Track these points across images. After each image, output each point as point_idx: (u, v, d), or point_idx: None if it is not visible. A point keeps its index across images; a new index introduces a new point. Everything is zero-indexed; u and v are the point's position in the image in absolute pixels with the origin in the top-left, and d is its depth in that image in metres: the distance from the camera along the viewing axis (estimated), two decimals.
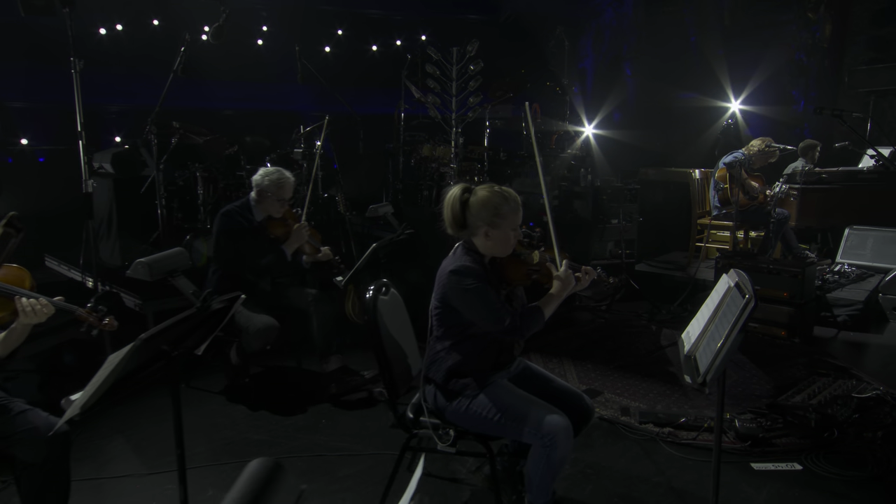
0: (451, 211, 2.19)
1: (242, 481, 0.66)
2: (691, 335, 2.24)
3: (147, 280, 1.85)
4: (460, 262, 2.13)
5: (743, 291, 1.90)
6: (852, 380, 3.40)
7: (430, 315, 2.25)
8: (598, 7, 10.42)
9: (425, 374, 2.27)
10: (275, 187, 3.28)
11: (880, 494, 2.47)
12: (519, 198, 2.23)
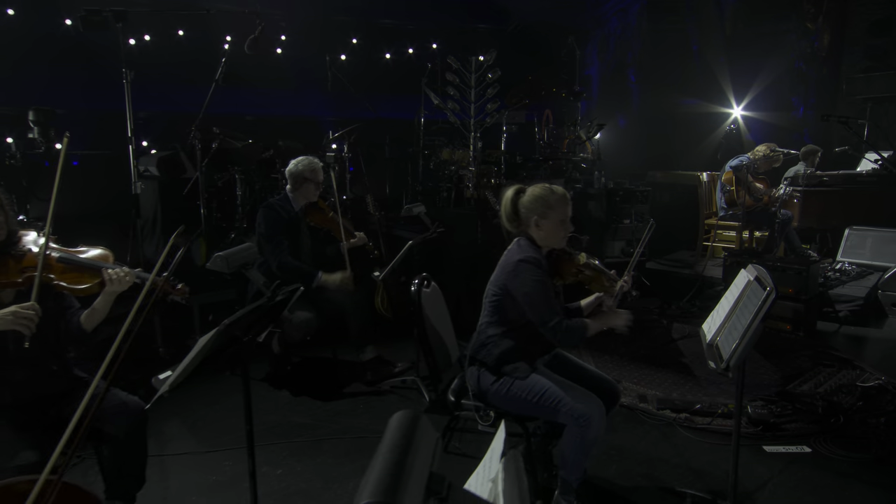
0: (506, 209, 2.37)
1: (390, 434, 0.76)
2: (712, 326, 2.36)
3: (225, 272, 1.97)
4: (526, 252, 2.25)
5: (764, 284, 2.01)
6: (855, 370, 3.50)
7: (485, 301, 2.36)
8: (603, 17, 10.50)
9: (471, 355, 2.37)
10: (308, 171, 3.43)
11: (884, 475, 2.57)
12: (567, 193, 2.37)
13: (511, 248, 2.36)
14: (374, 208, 3.99)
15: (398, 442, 0.75)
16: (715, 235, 5.26)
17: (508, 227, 2.40)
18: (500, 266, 2.34)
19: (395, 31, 10.54)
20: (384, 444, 0.76)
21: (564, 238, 2.35)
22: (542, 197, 2.29)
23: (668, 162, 7.55)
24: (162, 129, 8.95)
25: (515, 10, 10.28)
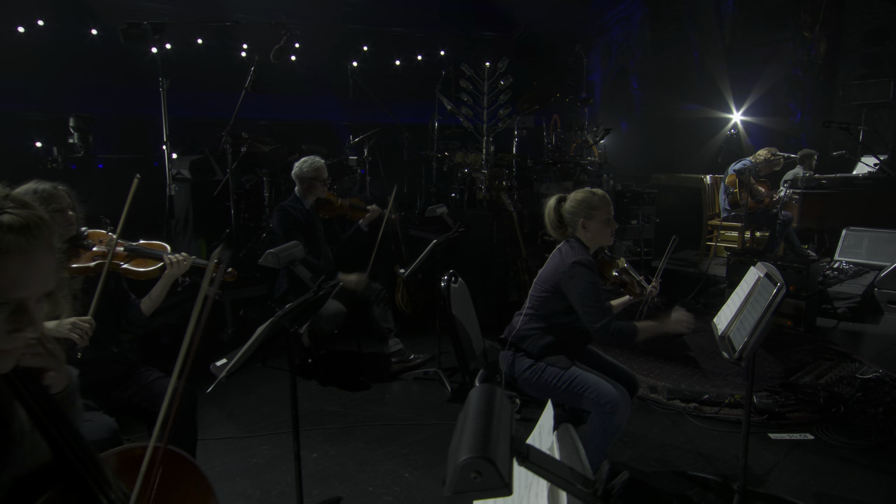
0: (549, 218, 2.45)
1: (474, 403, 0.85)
2: (723, 320, 2.44)
3: (276, 267, 2.08)
4: (580, 255, 2.32)
5: (774, 280, 2.10)
6: (854, 363, 3.58)
7: (532, 295, 2.44)
8: (605, 25, 10.58)
9: (512, 341, 2.42)
10: (313, 171, 3.51)
11: (883, 460, 2.65)
12: (607, 195, 2.46)
13: (563, 248, 2.42)
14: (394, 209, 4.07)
15: (483, 409, 0.84)
16: (718, 236, 5.35)
17: (554, 235, 2.49)
18: (553, 266, 2.39)
19: (406, 38, 10.64)
20: (470, 412, 0.85)
21: (611, 236, 2.44)
22: (586, 200, 2.38)
23: (670, 165, 7.63)
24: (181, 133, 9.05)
25: (521, 18, 10.37)
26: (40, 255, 0.88)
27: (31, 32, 7.84)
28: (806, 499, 2.36)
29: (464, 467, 0.72)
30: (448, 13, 10.48)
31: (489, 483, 0.72)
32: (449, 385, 3.43)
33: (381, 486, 2.53)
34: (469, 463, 0.72)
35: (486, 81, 5.43)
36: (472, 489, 0.73)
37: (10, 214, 0.85)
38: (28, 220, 0.86)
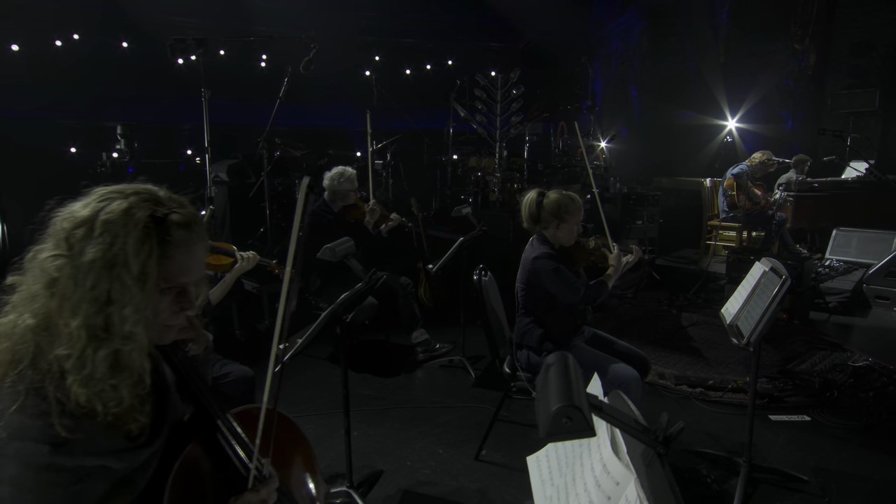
0: (528, 209, 2.56)
1: (553, 367, 0.98)
2: (731, 311, 2.58)
3: (333, 260, 2.21)
4: (539, 250, 2.49)
5: (780, 274, 2.23)
6: (845, 353, 3.71)
7: (517, 294, 2.60)
8: (606, 37, 10.71)
9: (517, 342, 2.61)
10: (346, 182, 3.66)
11: (874, 438, 2.79)
12: (581, 200, 2.60)
13: (527, 248, 2.59)
14: (417, 209, 4.22)
15: (562, 370, 0.98)
16: (717, 235, 5.49)
17: (528, 227, 2.61)
18: (522, 264, 2.57)
19: (416, 49, 10.78)
20: (550, 373, 0.99)
21: (574, 238, 2.57)
22: (564, 204, 2.49)
23: (668, 169, 7.76)
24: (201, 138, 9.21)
25: (525, 30, 10.51)
26: (199, 247, 1.00)
27: (67, 46, 8.02)
28: (805, 472, 2.49)
29: (556, 414, 0.86)
30: (456, 25, 10.63)
31: (577, 426, 0.86)
32: (473, 372, 3.57)
33: (417, 461, 2.67)
34: (561, 410, 0.86)
35: (500, 90, 5.57)
36: (563, 431, 0.86)
37: (178, 213, 0.97)
38: (190, 218, 0.99)
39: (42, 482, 0.83)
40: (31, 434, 0.84)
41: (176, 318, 1.00)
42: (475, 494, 2.43)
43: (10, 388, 0.88)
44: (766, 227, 5.10)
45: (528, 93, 6.18)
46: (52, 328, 0.91)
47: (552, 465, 1.37)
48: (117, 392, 0.91)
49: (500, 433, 2.84)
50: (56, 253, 0.91)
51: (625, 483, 0.96)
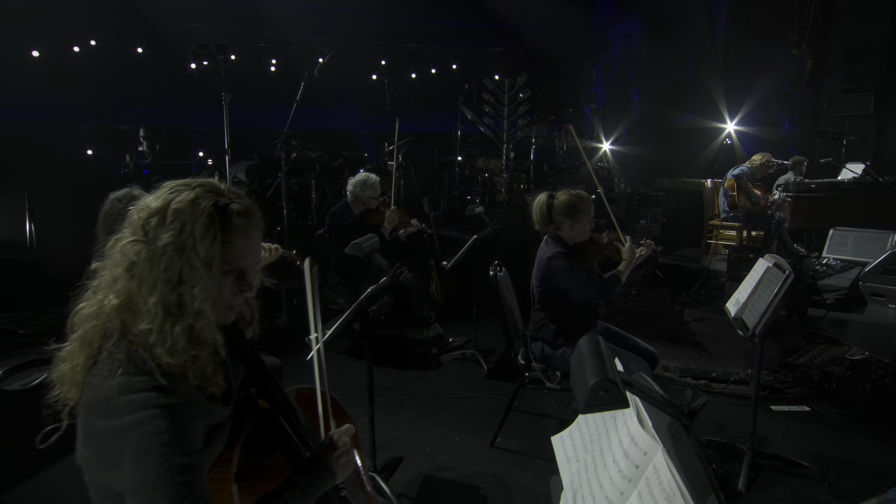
0: (539, 212, 2.62)
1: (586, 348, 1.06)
2: (735, 304, 2.66)
3: (360, 256, 2.29)
4: (553, 250, 2.57)
5: (783, 269, 2.32)
6: (842, 347, 3.78)
7: (532, 290, 2.68)
8: (607, 42, 10.77)
9: (533, 335, 2.69)
10: (368, 189, 3.74)
11: (870, 427, 2.87)
12: (591, 197, 2.68)
13: (541, 247, 2.66)
14: (429, 209, 4.30)
15: (594, 350, 1.06)
16: (717, 235, 5.57)
17: (540, 229, 2.68)
18: (537, 262, 2.64)
19: (421, 53, 10.86)
20: (584, 352, 1.07)
21: (588, 234, 2.64)
22: (575, 203, 2.57)
23: (668, 171, 7.84)
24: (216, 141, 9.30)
25: (528, 35, 10.58)
26: (256, 234, 1.09)
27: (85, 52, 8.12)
28: (805, 458, 2.57)
29: (594, 388, 0.94)
30: (460, 30, 10.70)
31: (613, 399, 0.94)
32: (485, 365, 3.65)
33: (436, 448, 2.75)
34: (598, 384, 0.94)
35: (507, 94, 5.65)
36: (600, 404, 0.94)
37: (237, 203, 1.05)
38: (248, 207, 1.08)
39: (160, 419, 0.92)
40: (140, 387, 0.94)
41: (237, 299, 1.08)
42: (492, 479, 2.51)
43: (108, 358, 0.97)
44: (765, 227, 5.18)
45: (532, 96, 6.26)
46: (134, 307, 1.00)
47: (576, 443, 1.45)
48: (199, 362, 1.00)
49: (514, 422, 2.92)
50: (134, 239, 1.00)
51: (652, 452, 1.05)
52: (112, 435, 0.92)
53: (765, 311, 2.24)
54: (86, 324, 1.03)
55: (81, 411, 0.99)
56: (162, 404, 0.93)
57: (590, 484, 1.20)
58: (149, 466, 0.90)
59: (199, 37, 9.11)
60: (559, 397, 3.22)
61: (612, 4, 10.49)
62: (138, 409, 0.92)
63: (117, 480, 0.93)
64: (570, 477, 1.34)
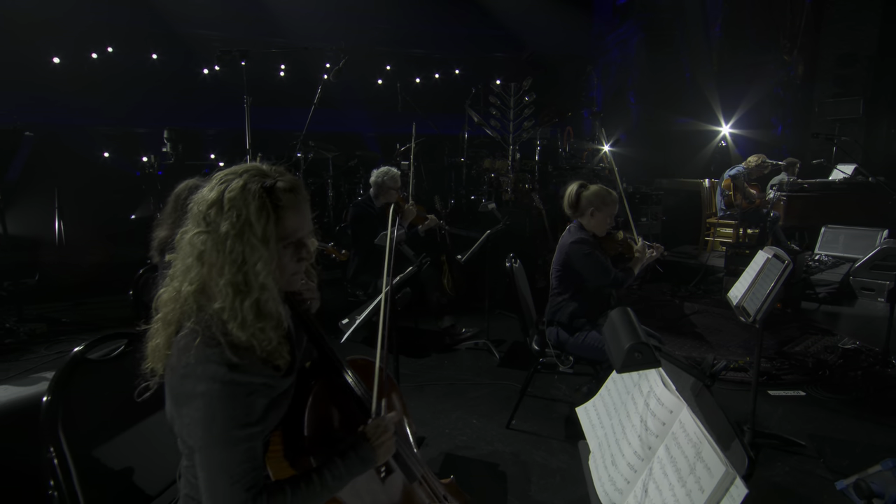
0: (569, 198, 2.78)
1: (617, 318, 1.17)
2: (736, 294, 2.78)
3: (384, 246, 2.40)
4: (576, 236, 2.69)
5: (782, 259, 2.43)
6: (835, 337, 3.90)
7: (552, 276, 2.80)
8: (605, 47, 10.89)
9: (548, 319, 2.81)
10: (391, 181, 3.86)
11: (861, 410, 2.99)
12: (617, 197, 2.80)
13: (564, 233, 2.80)
14: (441, 206, 4.41)
15: (625, 319, 1.17)
16: (715, 232, 5.69)
17: (567, 212, 2.83)
18: (559, 248, 2.77)
19: (425, 59, 10.96)
20: (616, 322, 1.18)
21: (607, 228, 2.78)
22: (602, 196, 2.72)
23: (665, 172, 7.96)
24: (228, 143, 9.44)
25: (529, 41, 10.70)
26: (305, 205, 1.17)
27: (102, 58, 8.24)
28: (801, 438, 2.68)
29: (629, 350, 1.05)
30: (464, 36, 10.81)
31: (646, 360, 1.05)
32: (497, 353, 3.76)
33: (455, 429, 2.86)
34: (633, 346, 1.05)
35: (513, 97, 5.77)
36: (635, 364, 1.06)
37: (282, 181, 1.13)
38: (293, 183, 1.15)
39: (226, 393, 1.03)
40: (213, 358, 1.04)
41: (299, 266, 1.17)
42: (510, 457, 2.62)
43: (188, 333, 1.08)
44: (760, 225, 5.30)
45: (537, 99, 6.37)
46: (207, 290, 1.11)
47: (600, 411, 1.55)
48: (265, 333, 1.10)
49: (527, 406, 3.03)
50: (198, 230, 1.10)
51: (678, 411, 1.16)
52: (187, 399, 1.04)
53: (765, 298, 2.36)
54: (166, 307, 1.13)
55: (167, 375, 1.10)
56: (228, 379, 1.03)
57: (618, 443, 1.31)
58: (212, 433, 1.02)
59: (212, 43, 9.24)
60: (569, 383, 3.34)
61: (610, 12, 10.62)
62: (209, 381, 1.02)
63: (187, 436, 1.06)
64: (597, 441, 1.45)
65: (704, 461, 0.98)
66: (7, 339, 3.50)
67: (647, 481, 1.14)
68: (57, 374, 1.31)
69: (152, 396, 1.32)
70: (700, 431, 1.04)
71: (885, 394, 3.16)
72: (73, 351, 1.36)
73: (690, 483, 1.00)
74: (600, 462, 1.35)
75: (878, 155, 7.01)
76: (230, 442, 1.02)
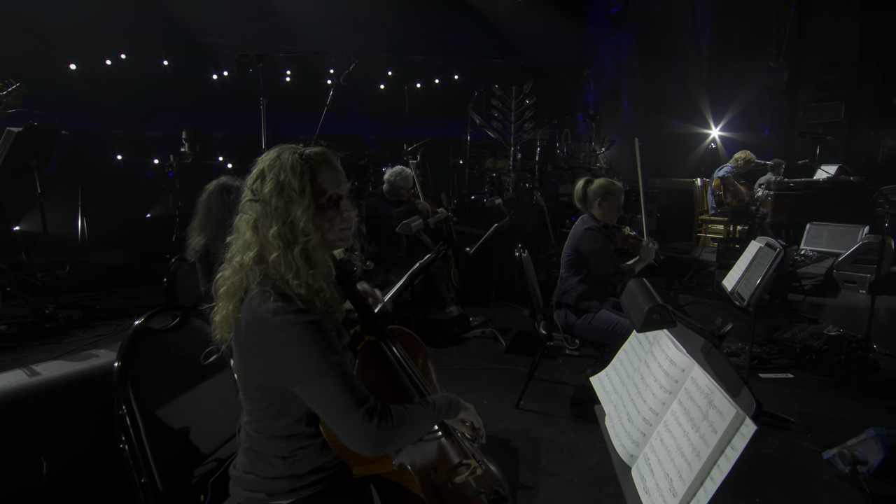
0: (578, 193, 2.94)
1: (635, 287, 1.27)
2: (730, 282, 2.89)
3: (409, 234, 2.49)
4: (589, 223, 2.82)
5: (774, 247, 2.55)
6: (820, 325, 4.03)
7: (563, 261, 2.90)
8: (599, 54, 11.03)
9: (557, 301, 2.91)
10: (403, 181, 3.96)
11: (845, 390, 3.12)
12: (622, 187, 2.92)
13: (578, 222, 2.92)
14: (447, 203, 4.51)
15: (643, 287, 1.27)
16: (706, 229, 5.81)
17: (578, 205, 2.97)
18: (572, 234, 2.89)
19: (425, 65, 11.06)
20: (634, 290, 1.28)
21: (616, 217, 2.90)
22: (607, 187, 2.86)
23: (658, 172, 8.08)
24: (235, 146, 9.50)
25: (526, 47, 10.82)
26: (336, 163, 1.25)
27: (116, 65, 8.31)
28: (791, 415, 2.80)
29: (649, 311, 1.16)
30: (463, 43, 10.93)
31: (664, 320, 1.15)
32: (503, 341, 3.86)
33: None
34: (652, 308, 1.15)
35: (514, 100, 5.88)
36: (654, 324, 1.16)
37: (311, 149, 1.23)
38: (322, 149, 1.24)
39: (309, 330, 1.12)
40: (288, 309, 1.13)
41: (343, 223, 1.25)
42: (520, 433, 2.72)
43: (259, 293, 1.17)
44: (749, 222, 5.43)
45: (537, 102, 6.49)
46: (265, 255, 1.20)
47: (613, 379, 1.66)
48: (317, 281, 1.19)
49: (533, 388, 3.12)
50: (250, 200, 1.21)
51: (689, 369, 1.26)
52: (274, 346, 1.12)
53: (759, 282, 2.47)
54: (228, 281, 1.23)
55: (240, 333, 1.18)
56: (307, 320, 1.13)
57: (633, 402, 1.41)
58: (315, 363, 1.10)
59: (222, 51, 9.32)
60: (573, 367, 3.44)
61: (604, 20, 10.76)
62: (290, 326, 1.11)
63: (293, 379, 1.13)
64: (612, 404, 1.55)
65: (716, 407, 1.08)
66: (47, 323, 3.69)
67: (663, 432, 1.24)
68: (124, 342, 1.40)
69: (205, 366, 1.41)
70: (711, 383, 1.14)
71: (866, 376, 3.29)
72: (135, 322, 1.46)
73: (704, 427, 1.10)
74: (616, 421, 1.44)
75: (858, 156, 7.17)
76: (332, 365, 1.11)
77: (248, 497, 1.25)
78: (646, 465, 1.23)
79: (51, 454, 1.64)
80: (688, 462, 1.09)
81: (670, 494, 1.10)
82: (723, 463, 1.02)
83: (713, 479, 1.03)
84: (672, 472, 1.12)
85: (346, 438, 1.12)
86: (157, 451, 1.36)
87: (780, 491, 2.27)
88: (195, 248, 2.27)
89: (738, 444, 1.00)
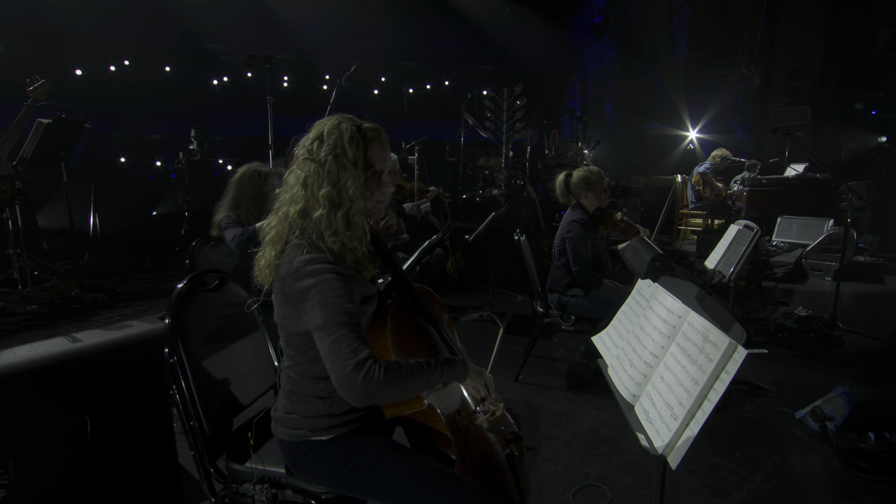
0: (559, 188, 3.00)
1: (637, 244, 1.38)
2: (712, 262, 3.03)
3: (417, 216, 2.58)
4: (576, 215, 2.91)
5: (751, 228, 2.70)
6: (791, 307, 4.21)
7: (554, 248, 3.02)
8: (583, 61, 11.25)
9: (549, 286, 3.02)
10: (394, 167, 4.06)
11: (814, 362, 3.29)
12: (601, 171, 3.02)
13: (567, 212, 3.01)
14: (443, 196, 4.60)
15: (644, 242, 1.39)
16: (686, 222, 6.00)
17: (562, 200, 3.03)
18: (561, 225, 2.99)
19: (417, 70, 11.16)
20: (637, 247, 1.40)
21: (606, 200, 2.99)
22: (586, 177, 2.94)
23: (640, 171, 8.29)
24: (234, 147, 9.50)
25: (513, 54, 10.99)
26: (386, 144, 1.33)
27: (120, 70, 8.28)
28: (766, 384, 2.95)
29: (651, 260, 1.27)
30: (453, 50, 11.06)
31: (664, 268, 1.27)
32: (500, 323, 3.96)
33: None
34: (654, 257, 1.27)
35: (505, 101, 6.00)
36: (656, 271, 1.27)
37: (368, 124, 1.30)
38: (377, 127, 1.31)
39: (332, 278, 1.19)
40: (319, 259, 1.21)
41: (381, 196, 1.34)
42: (520, 403, 2.83)
43: (295, 245, 1.25)
44: (726, 215, 5.63)
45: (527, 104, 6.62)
46: (309, 211, 1.27)
47: (613, 336, 1.76)
48: (352, 242, 1.26)
49: (530, 364, 3.23)
50: (304, 158, 1.27)
51: (685, 314, 1.37)
52: (303, 292, 1.19)
53: (738, 260, 2.62)
54: (273, 230, 1.31)
55: (278, 282, 1.26)
56: (334, 270, 1.20)
57: (634, 350, 1.52)
58: (328, 310, 1.17)
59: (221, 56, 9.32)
60: (566, 345, 3.56)
61: (587, 29, 10.98)
62: (319, 273, 1.19)
63: (308, 322, 1.20)
64: (614, 356, 1.66)
65: (711, 341, 1.20)
66: (74, 304, 3.83)
67: (663, 371, 1.35)
68: (172, 301, 1.47)
69: (241, 326, 1.48)
70: (707, 322, 1.26)
71: (832, 350, 3.47)
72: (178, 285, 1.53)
73: (701, 360, 1.21)
74: (619, 368, 1.55)
75: (823, 157, 7.44)
76: (345, 314, 1.17)
77: (290, 434, 1.33)
78: (648, 401, 1.34)
79: (94, 414, 1.69)
80: (687, 390, 1.20)
81: (672, 419, 1.21)
82: (718, 386, 1.14)
83: (710, 400, 1.14)
84: (673, 401, 1.23)
85: (336, 385, 1.15)
86: (203, 398, 1.43)
87: (757, 447, 2.41)
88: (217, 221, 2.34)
89: (732, 368, 1.12)
